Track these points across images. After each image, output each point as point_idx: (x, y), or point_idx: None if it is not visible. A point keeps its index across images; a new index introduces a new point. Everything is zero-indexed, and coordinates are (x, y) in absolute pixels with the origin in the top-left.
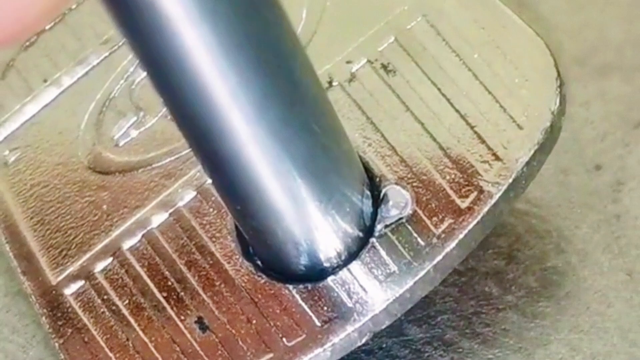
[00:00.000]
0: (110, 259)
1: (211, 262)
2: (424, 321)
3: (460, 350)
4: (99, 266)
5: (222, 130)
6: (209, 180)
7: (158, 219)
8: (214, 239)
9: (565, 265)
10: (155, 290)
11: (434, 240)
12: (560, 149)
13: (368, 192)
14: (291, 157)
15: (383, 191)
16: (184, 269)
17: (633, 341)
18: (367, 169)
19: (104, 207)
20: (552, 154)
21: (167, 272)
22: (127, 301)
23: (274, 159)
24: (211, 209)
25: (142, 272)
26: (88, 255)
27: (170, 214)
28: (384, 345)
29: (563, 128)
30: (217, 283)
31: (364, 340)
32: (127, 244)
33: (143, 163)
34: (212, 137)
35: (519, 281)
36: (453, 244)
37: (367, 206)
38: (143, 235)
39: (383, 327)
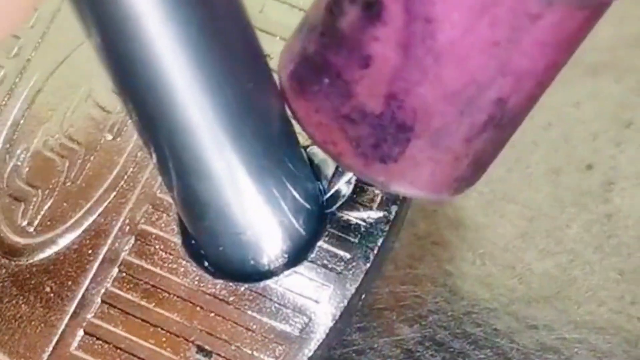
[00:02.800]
0: (81, 333)
1: (182, 291)
2: (416, 321)
3: (452, 350)
4: (73, 344)
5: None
6: (141, 222)
7: (110, 276)
8: (172, 270)
9: (556, 265)
10: (141, 342)
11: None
12: (551, 148)
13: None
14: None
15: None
16: (159, 309)
17: (626, 339)
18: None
19: (47, 289)
20: (544, 153)
21: (143, 320)
22: None
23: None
24: (156, 244)
25: (119, 331)
26: (56, 338)
27: (119, 269)
28: (375, 345)
29: (555, 127)
30: (199, 307)
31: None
32: (90, 313)
33: (66, 234)
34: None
35: (509, 282)
36: None
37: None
38: (101, 299)
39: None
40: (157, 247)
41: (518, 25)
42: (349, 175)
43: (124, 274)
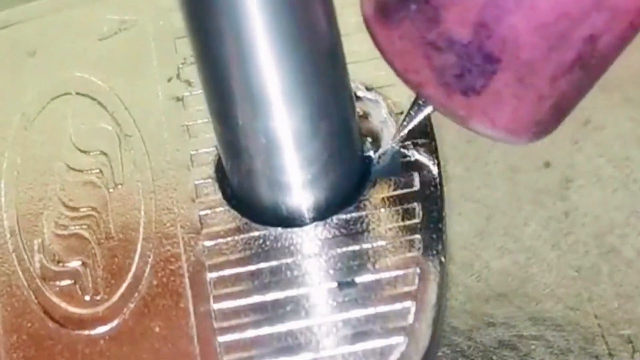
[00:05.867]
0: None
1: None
2: None
3: None
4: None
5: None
6: (199, 224)
7: (208, 287)
8: (258, 250)
9: (514, 262)
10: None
11: None
12: (509, 146)
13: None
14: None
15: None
16: (273, 291)
17: (583, 335)
18: None
19: (156, 329)
20: (501, 151)
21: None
22: None
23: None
24: (227, 236)
25: (253, 333)
26: None
27: (209, 273)
28: None
29: None
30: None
31: None
32: (216, 335)
33: (136, 281)
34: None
35: (467, 280)
36: None
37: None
38: (214, 314)
39: None
40: (231, 238)
41: None
42: (425, 113)
43: (217, 277)
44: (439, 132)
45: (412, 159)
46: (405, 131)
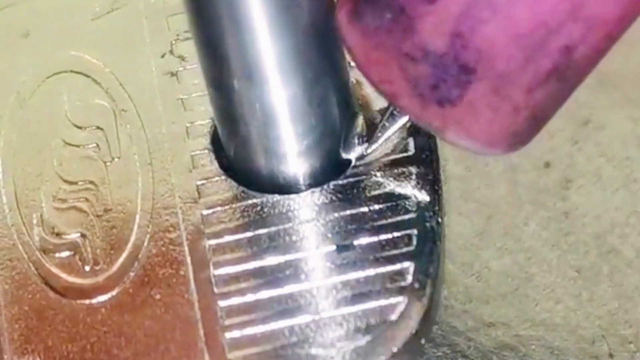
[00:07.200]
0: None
1: (289, 217)
2: None
3: None
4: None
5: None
6: (196, 194)
7: (208, 260)
8: (258, 219)
9: (514, 263)
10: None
11: None
12: None
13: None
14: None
15: None
16: (273, 255)
17: (582, 336)
18: None
19: (157, 297)
20: None
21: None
22: None
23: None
24: (225, 207)
25: (254, 316)
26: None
27: (208, 242)
28: None
29: None
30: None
31: None
32: (219, 312)
33: (135, 250)
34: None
35: (467, 280)
36: None
37: None
38: (217, 291)
39: None
40: (229, 206)
41: None
42: (399, 124)
43: (215, 244)
44: None
45: (408, 125)
46: (380, 142)
